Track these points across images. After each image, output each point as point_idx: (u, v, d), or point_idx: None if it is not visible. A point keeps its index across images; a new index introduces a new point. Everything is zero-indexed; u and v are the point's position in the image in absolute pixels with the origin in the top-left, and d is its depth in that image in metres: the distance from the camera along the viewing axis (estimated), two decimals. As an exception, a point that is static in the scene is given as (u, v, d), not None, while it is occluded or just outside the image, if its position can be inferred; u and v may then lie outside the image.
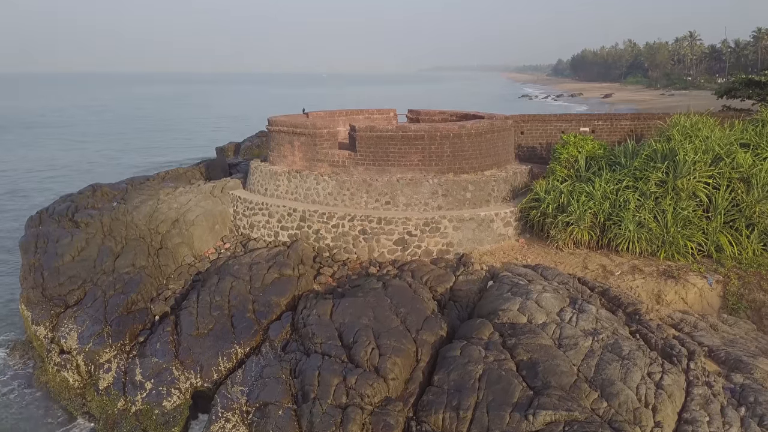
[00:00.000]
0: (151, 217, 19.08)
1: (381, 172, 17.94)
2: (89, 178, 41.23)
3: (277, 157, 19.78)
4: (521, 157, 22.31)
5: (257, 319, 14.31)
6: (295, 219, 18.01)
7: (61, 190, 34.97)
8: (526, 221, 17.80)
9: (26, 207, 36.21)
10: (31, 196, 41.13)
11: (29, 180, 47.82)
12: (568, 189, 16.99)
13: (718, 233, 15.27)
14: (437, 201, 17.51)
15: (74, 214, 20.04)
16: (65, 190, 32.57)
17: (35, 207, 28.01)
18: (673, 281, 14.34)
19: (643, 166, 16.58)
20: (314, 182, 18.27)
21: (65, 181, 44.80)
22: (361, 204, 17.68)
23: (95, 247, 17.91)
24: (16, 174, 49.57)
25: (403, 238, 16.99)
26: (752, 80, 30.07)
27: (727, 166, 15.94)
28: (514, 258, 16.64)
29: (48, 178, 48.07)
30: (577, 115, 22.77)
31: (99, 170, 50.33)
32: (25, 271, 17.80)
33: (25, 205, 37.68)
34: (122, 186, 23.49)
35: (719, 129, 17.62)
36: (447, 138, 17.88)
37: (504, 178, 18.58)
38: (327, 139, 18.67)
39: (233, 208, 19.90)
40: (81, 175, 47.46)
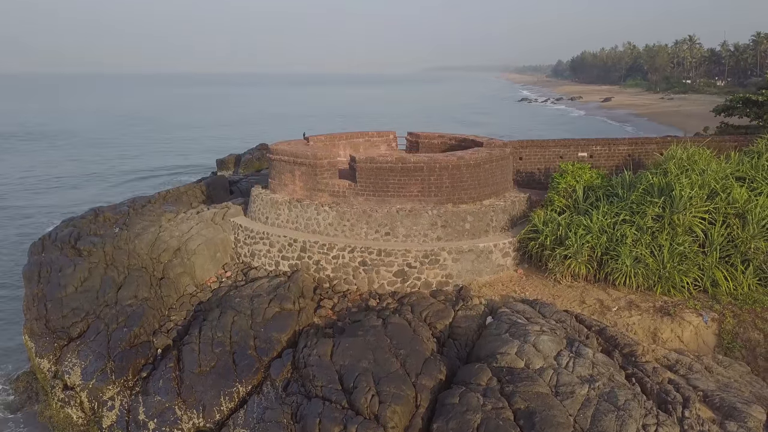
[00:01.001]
0: (153, 246, 19.26)
1: (381, 203, 18.12)
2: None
3: (278, 185, 19.95)
4: (520, 183, 22.49)
5: (258, 356, 14.50)
6: (295, 249, 18.20)
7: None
8: (525, 251, 17.99)
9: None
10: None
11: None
12: (565, 221, 17.17)
13: (713, 268, 15.45)
14: (436, 232, 17.69)
15: (77, 241, 20.22)
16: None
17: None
18: (669, 319, 14.53)
19: (640, 200, 16.75)
20: (315, 212, 18.44)
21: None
22: (361, 235, 17.86)
23: (98, 277, 18.08)
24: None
25: (403, 270, 17.17)
26: (750, 99, 30.34)
27: (723, 201, 16.12)
28: (512, 290, 16.82)
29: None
30: (575, 140, 22.96)
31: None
32: (29, 301, 17.97)
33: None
34: (124, 209, 23.67)
35: (715, 161, 17.79)
36: (446, 169, 18.06)
37: (502, 207, 18.76)
38: (327, 169, 18.84)
39: (234, 235, 20.08)
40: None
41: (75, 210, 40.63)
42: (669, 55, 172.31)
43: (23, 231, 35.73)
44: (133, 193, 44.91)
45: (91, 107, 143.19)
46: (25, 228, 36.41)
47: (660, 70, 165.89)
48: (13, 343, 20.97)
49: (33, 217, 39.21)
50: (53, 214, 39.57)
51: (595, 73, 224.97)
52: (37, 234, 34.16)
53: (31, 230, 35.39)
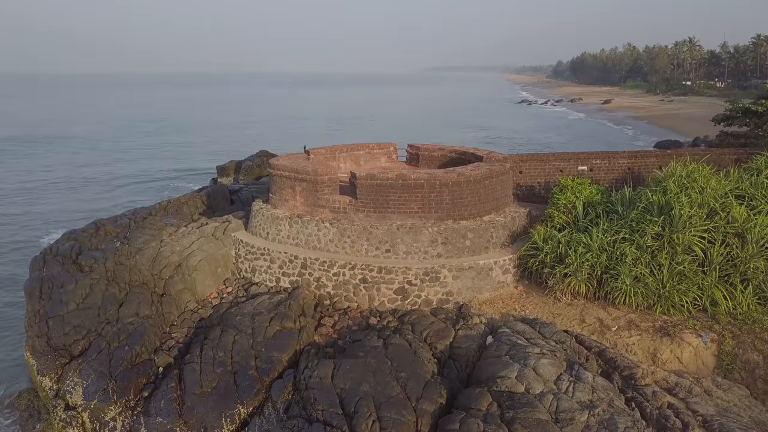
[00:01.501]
0: (154, 262, 19.32)
1: (381, 219, 18.18)
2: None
3: (278, 201, 20.01)
4: (520, 197, 22.55)
5: (260, 377, 14.56)
6: (296, 266, 18.25)
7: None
8: (525, 268, 18.05)
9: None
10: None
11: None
12: (565, 239, 17.23)
13: (713, 288, 15.52)
14: (437, 249, 17.75)
15: (78, 256, 20.27)
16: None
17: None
18: (668, 339, 14.59)
19: (639, 218, 16.81)
20: (315, 228, 18.50)
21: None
22: (362, 251, 17.92)
23: (99, 294, 18.13)
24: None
25: (404, 288, 17.23)
26: (749, 109, 30.39)
27: (722, 220, 16.18)
28: (512, 308, 16.88)
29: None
30: (575, 154, 23.02)
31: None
32: (30, 318, 18.02)
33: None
34: (125, 221, 23.73)
35: (714, 179, 17.84)
36: (446, 186, 18.11)
37: (503, 224, 18.81)
38: (328, 185, 18.90)
39: (235, 250, 20.14)
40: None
41: (74, 216, 40.75)
42: (669, 56, 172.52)
43: (18, 239, 35.46)
44: (132, 201, 45.05)
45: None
46: (20, 236, 36.03)
47: (660, 72, 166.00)
48: (8, 356, 21.00)
49: (30, 225, 38.85)
50: (51, 222, 39.37)
51: (595, 74, 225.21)
52: (32, 242, 34.21)
53: (26, 238, 35.08)
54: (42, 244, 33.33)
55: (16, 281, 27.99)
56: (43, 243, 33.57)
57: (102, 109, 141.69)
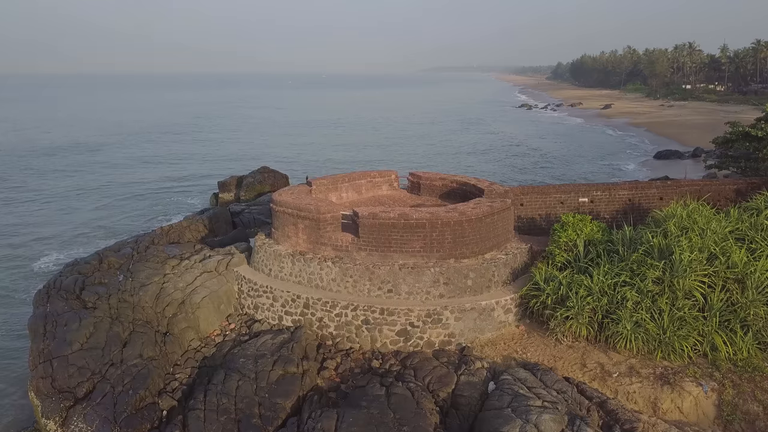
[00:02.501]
0: (158, 299, 19.43)
1: (383, 258, 18.28)
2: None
3: (281, 236, 20.11)
4: (521, 228, 22.66)
5: (263, 425, 14.66)
6: (298, 305, 18.36)
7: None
8: (527, 307, 18.15)
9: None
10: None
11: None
12: (566, 280, 17.33)
13: (713, 333, 15.63)
14: (439, 289, 17.86)
15: (81, 291, 20.38)
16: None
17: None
18: (669, 388, 14.70)
19: (640, 261, 16.91)
20: (318, 267, 18.60)
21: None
22: (364, 291, 18.02)
23: (103, 333, 18.22)
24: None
25: (406, 329, 17.34)
26: (749, 134, 30.52)
27: (722, 264, 16.28)
28: (514, 350, 16.99)
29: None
30: (575, 186, 23.15)
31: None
32: (35, 357, 18.10)
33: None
34: (127, 251, 23.84)
35: (715, 220, 17.93)
36: (448, 225, 18.21)
37: (504, 261, 18.91)
38: (330, 223, 19.00)
39: (238, 286, 20.24)
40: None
41: (65, 233, 40.70)
42: (669, 60, 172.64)
43: (12, 259, 35.36)
44: (130, 218, 45.05)
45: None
46: (15, 258, 35.70)
47: (660, 76, 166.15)
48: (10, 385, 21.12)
49: (26, 245, 38.45)
50: (47, 240, 39.14)
51: (595, 77, 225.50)
52: (26, 266, 33.89)
53: (22, 261, 34.80)
54: (34, 268, 33.38)
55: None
56: (36, 267, 33.56)
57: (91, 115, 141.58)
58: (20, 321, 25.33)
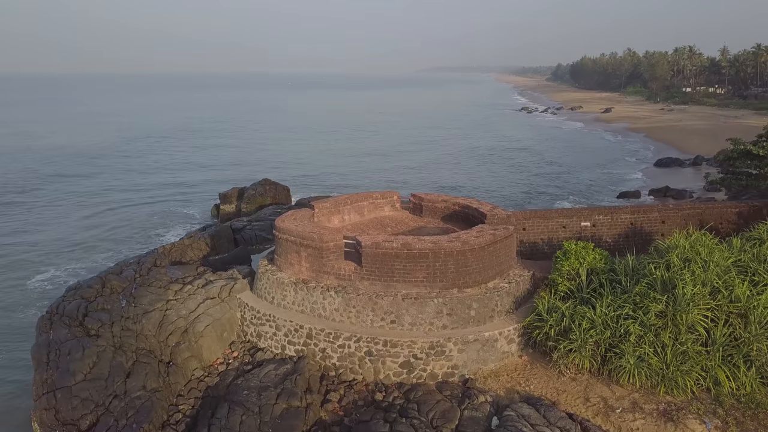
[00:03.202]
0: (161, 327, 19.44)
1: (386, 287, 18.29)
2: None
3: (284, 263, 20.12)
4: (523, 253, 22.68)
5: (267, 463, 14.68)
6: (301, 335, 18.37)
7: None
8: (529, 337, 18.16)
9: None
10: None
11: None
12: (569, 312, 17.35)
13: (716, 368, 15.65)
14: (442, 320, 17.87)
15: (84, 317, 20.38)
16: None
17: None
18: (672, 425, 14.71)
19: (643, 293, 16.92)
20: (321, 297, 18.60)
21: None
22: (367, 322, 18.02)
23: (106, 363, 18.23)
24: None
25: (409, 361, 17.35)
26: (750, 152, 30.54)
27: (725, 298, 16.31)
28: (517, 382, 17.01)
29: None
30: (578, 210, 23.18)
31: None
32: (38, 387, 18.11)
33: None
34: (130, 273, 23.81)
35: (718, 251, 17.95)
36: (451, 255, 18.22)
37: (507, 290, 18.92)
38: (333, 251, 19.00)
39: (241, 313, 20.25)
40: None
41: (69, 244, 40.60)
42: (669, 63, 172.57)
43: (8, 272, 35.02)
44: (128, 228, 44.71)
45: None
46: (11, 272, 35.29)
47: (660, 79, 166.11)
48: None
49: (22, 259, 37.87)
50: (43, 253, 38.70)
51: (595, 79, 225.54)
52: (22, 284, 33.35)
53: (18, 279, 34.30)
54: (30, 286, 32.98)
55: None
56: (32, 284, 33.16)
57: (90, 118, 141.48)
58: (20, 344, 25.33)
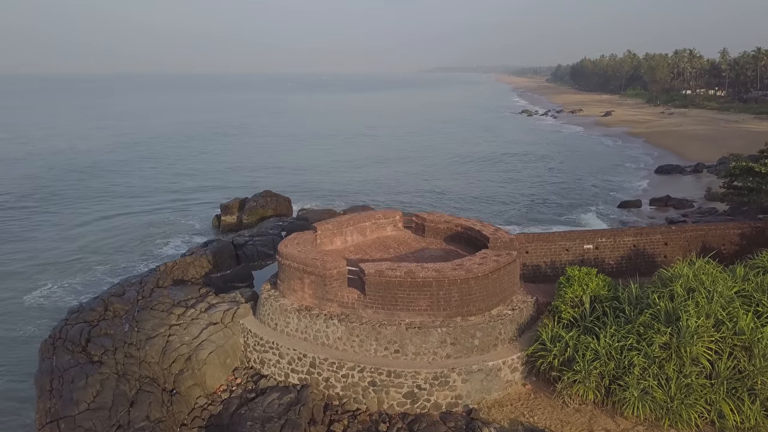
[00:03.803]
0: (164, 354, 19.43)
1: (390, 316, 18.28)
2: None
3: (287, 289, 20.10)
4: (525, 276, 22.65)
5: (272, 498, 14.67)
6: (305, 364, 18.35)
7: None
8: (533, 365, 18.15)
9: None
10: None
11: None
12: (573, 341, 17.33)
13: (721, 401, 15.63)
14: (446, 350, 17.86)
15: (87, 342, 20.39)
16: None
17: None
18: (677, 461, 14.72)
19: (647, 324, 16.90)
20: (324, 325, 18.59)
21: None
22: (371, 351, 18.01)
23: (110, 392, 18.22)
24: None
25: (413, 392, 17.33)
26: (752, 169, 30.56)
27: (729, 330, 16.29)
28: (521, 413, 17.00)
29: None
30: (580, 233, 23.19)
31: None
32: (41, 416, 18.11)
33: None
34: (132, 295, 23.84)
35: (721, 280, 17.93)
36: (455, 284, 18.21)
37: (511, 318, 18.91)
38: (336, 278, 18.98)
39: (244, 339, 20.24)
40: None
41: (67, 256, 40.30)
42: (669, 65, 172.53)
43: (4, 286, 34.66)
44: (127, 239, 44.19)
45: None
46: (9, 286, 34.83)
47: (660, 83, 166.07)
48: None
49: (20, 272, 37.45)
50: (41, 266, 38.35)
51: (595, 81, 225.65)
52: (20, 298, 32.94)
53: (16, 293, 33.88)
54: (28, 301, 32.55)
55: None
56: (30, 300, 32.76)
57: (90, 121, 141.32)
58: (20, 364, 25.22)
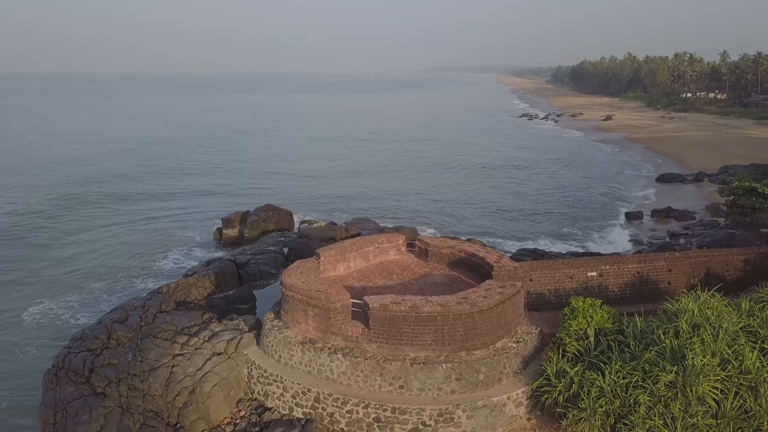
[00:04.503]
0: (168, 387, 19.40)
1: (394, 351, 18.25)
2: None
3: (290, 320, 20.06)
4: (530, 304, 22.62)
5: None
6: (309, 399, 18.32)
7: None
8: (538, 400, 18.12)
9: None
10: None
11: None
12: (578, 377, 17.30)
13: (727, 442, 15.60)
14: (450, 386, 17.82)
15: (91, 373, 20.37)
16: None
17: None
18: (683, 504, 14.67)
19: (652, 361, 16.85)
20: (328, 359, 18.55)
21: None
22: (375, 387, 17.96)
23: (113, 426, 18.24)
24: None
25: (417, 428, 17.29)
26: (755, 189, 30.55)
27: (735, 369, 16.25)
28: (526, 450, 16.98)
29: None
30: (584, 261, 23.15)
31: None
32: (45, 452, 18.12)
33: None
34: (135, 320, 23.78)
35: (726, 315, 17.90)
36: (459, 318, 18.17)
37: (515, 351, 18.87)
38: (340, 312, 18.94)
39: (248, 370, 20.20)
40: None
41: (64, 271, 40.11)
42: (669, 68, 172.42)
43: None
44: (125, 254, 43.91)
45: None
46: (4, 304, 34.59)
47: (661, 87, 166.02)
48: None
49: (16, 287, 37.31)
50: (38, 282, 38.06)
51: (595, 83, 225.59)
52: (17, 317, 32.76)
53: (13, 311, 33.59)
54: (26, 319, 32.27)
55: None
56: (27, 318, 32.46)
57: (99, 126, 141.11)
58: (22, 389, 25.23)
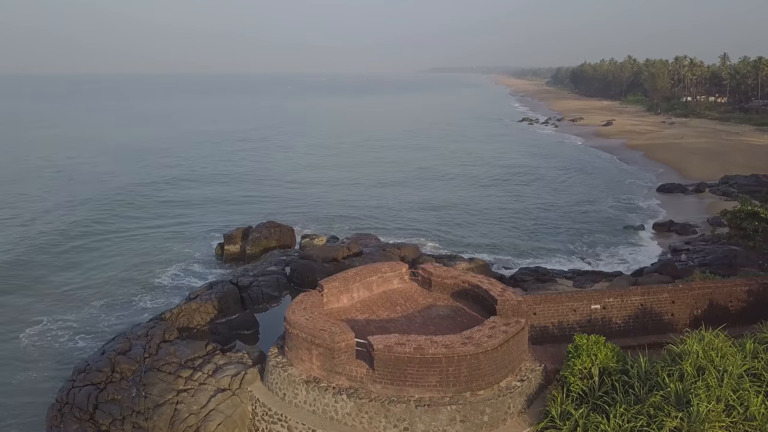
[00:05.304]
0: (172, 426, 19.44)
1: (399, 391, 18.27)
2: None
3: (295, 358, 20.07)
4: (533, 338, 22.61)
5: None
6: (314, 440, 18.34)
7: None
8: (541, 439, 18.15)
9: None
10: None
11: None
12: (582, 420, 17.31)
13: (732, 491, 15.63)
14: (455, 427, 17.83)
15: (95, 409, 20.40)
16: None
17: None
18: None
19: (657, 405, 16.87)
20: (332, 399, 18.56)
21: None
22: (380, 428, 17.98)
23: (118, 468, 18.25)
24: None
25: (422, 472, 17.34)
26: (757, 213, 30.58)
27: (740, 415, 16.27)
28: (531, 495, 16.99)
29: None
30: (588, 294, 23.15)
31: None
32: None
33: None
34: (138, 351, 23.83)
35: (730, 356, 17.92)
36: (464, 359, 18.19)
37: (519, 390, 18.89)
38: (345, 351, 18.94)
39: (252, 407, 20.22)
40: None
41: (62, 286, 39.76)
42: (669, 72, 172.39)
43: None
44: (124, 269, 43.27)
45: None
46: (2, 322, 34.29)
47: (661, 91, 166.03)
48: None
49: (11, 303, 36.76)
50: (34, 298, 37.72)
51: (596, 86, 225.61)
52: (14, 338, 32.22)
53: (10, 331, 33.06)
54: (22, 341, 31.87)
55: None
56: (24, 338, 32.19)
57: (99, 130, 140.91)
58: (23, 417, 25.15)
